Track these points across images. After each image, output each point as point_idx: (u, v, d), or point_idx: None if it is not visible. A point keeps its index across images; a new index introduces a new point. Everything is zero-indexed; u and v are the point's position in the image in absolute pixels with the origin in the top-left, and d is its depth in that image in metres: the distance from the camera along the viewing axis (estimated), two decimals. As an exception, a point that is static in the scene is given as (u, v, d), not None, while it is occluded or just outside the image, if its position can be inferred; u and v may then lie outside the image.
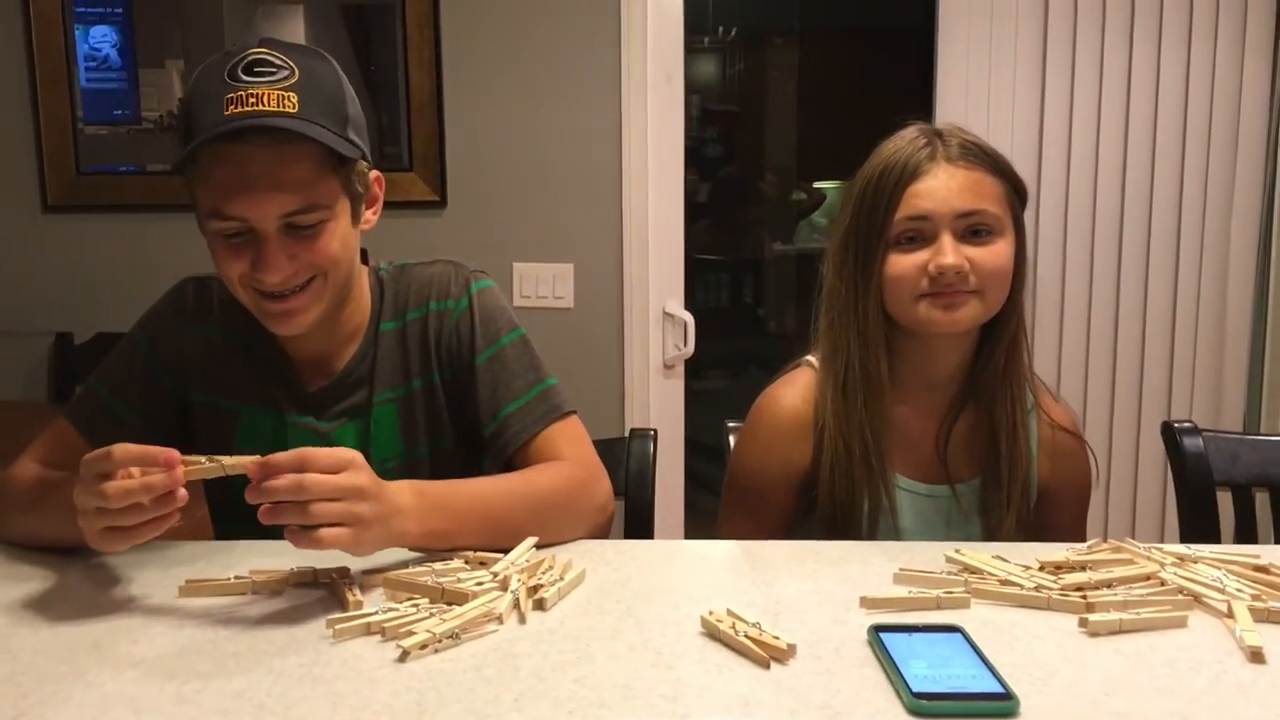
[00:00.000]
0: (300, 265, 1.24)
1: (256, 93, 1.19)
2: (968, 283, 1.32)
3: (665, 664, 0.95)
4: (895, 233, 1.34)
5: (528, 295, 2.83)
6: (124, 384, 1.38)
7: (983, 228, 1.33)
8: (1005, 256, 1.34)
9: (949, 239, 1.32)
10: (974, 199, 1.33)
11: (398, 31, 2.79)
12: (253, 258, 1.23)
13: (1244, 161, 2.81)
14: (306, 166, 1.21)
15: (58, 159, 2.90)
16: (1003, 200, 1.35)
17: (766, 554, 1.24)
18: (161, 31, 2.91)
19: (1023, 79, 2.83)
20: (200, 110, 1.20)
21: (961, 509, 1.41)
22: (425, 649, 0.97)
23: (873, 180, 1.36)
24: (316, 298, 1.27)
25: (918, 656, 0.93)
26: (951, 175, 1.33)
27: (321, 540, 1.05)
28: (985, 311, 1.35)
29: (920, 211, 1.33)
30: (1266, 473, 1.63)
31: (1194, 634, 1.01)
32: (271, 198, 1.20)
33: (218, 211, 1.21)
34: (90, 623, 1.06)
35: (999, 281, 1.34)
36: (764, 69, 5.40)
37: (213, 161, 1.20)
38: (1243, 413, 2.93)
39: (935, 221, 1.32)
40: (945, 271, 1.31)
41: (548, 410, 1.35)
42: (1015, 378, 1.41)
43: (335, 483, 1.06)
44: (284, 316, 1.27)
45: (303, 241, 1.23)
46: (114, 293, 2.81)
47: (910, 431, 1.42)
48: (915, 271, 1.33)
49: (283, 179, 1.20)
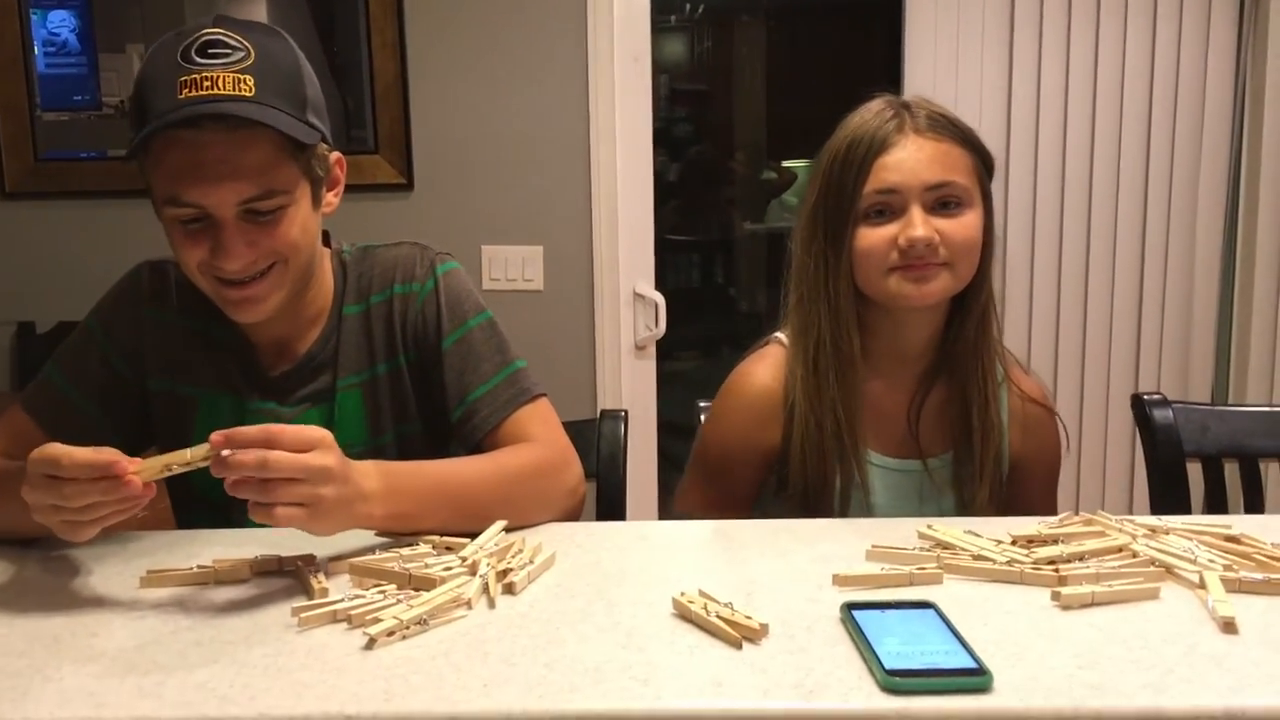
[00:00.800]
0: (260, 252, 1.21)
1: (211, 75, 1.16)
2: (938, 255, 1.31)
3: (636, 646, 0.94)
4: (864, 206, 1.33)
5: (497, 278, 2.80)
6: (80, 372, 1.35)
7: (952, 199, 1.33)
8: (975, 228, 1.34)
9: (918, 211, 1.31)
10: (943, 171, 1.32)
11: (361, 13, 2.75)
12: (211, 245, 1.20)
13: (1210, 135, 2.83)
14: (264, 152, 1.18)
15: (15, 146, 2.85)
16: (971, 172, 1.35)
17: (739, 533, 1.23)
18: (121, 15, 2.86)
19: (990, 54, 2.83)
20: (152, 94, 1.17)
21: (934, 483, 1.41)
22: (392, 636, 0.95)
23: (840, 154, 1.35)
24: (277, 284, 1.25)
25: (890, 633, 0.93)
26: (920, 147, 1.32)
27: (276, 518, 1.03)
28: (955, 284, 1.34)
29: (889, 185, 1.32)
30: (1236, 443, 1.64)
31: (1166, 605, 1.01)
32: (228, 185, 1.17)
33: (174, 199, 1.19)
34: (49, 616, 1.04)
35: (968, 253, 1.34)
36: (732, 47, 5.38)
37: (167, 147, 1.17)
38: (1210, 384, 2.95)
39: (904, 194, 1.31)
40: (915, 244, 1.30)
41: (517, 393, 1.33)
42: (985, 351, 1.41)
43: (300, 462, 1.04)
44: (244, 303, 1.24)
45: (262, 228, 1.21)
46: (76, 281, 2.74)
47: (882, 407, 1.41)
48: (885, 245, 1.32)
49: (240, 165, 1.17)
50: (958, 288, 1.35)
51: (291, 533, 1.16)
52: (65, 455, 1.01)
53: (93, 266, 2.67)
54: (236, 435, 1.02)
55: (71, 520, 1.03)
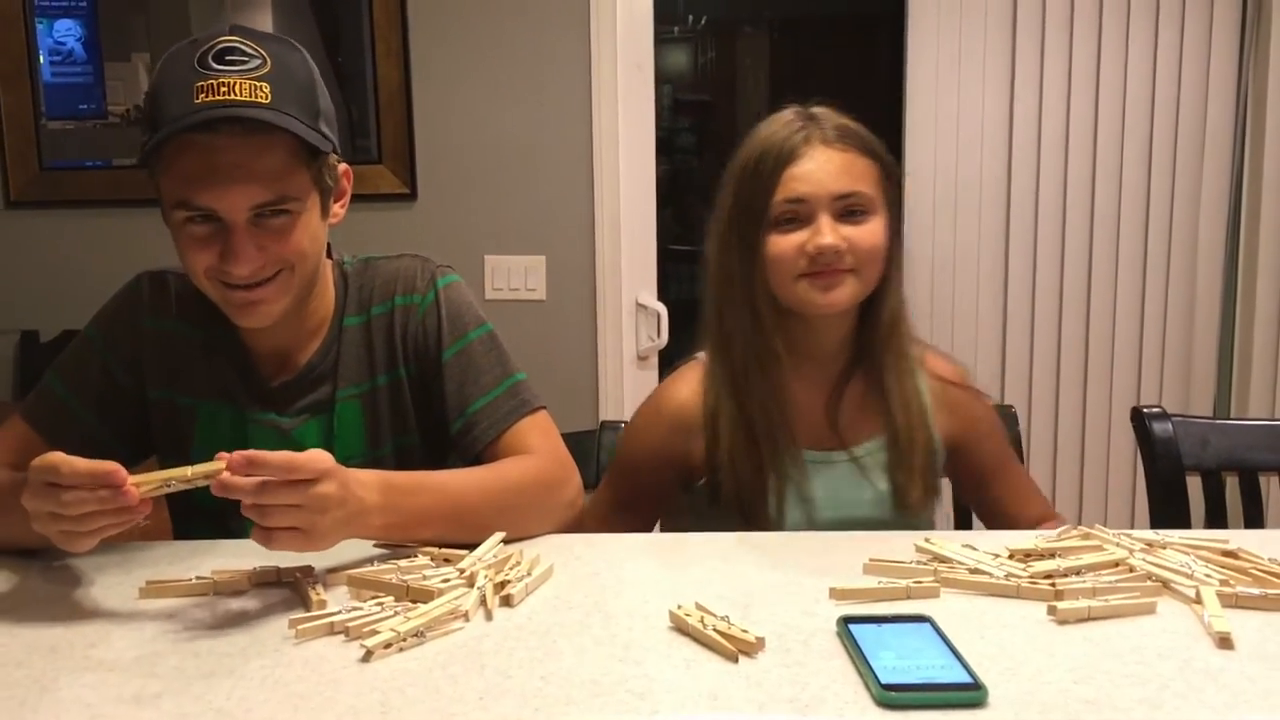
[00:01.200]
0: (269, 258, 1.22)
1: (228, 82, 1.16)
2: (844, 261, 1.35)
3: (633, 659, 0.94)
4: (774, 215, 1.37)
5: (499, 288, 2.81)
6: (80, 382, 1.35)
7: (858, 208, 1.37)
8: (880, 235, 1.38)
9: (826, 220, 1.35)
10: (849, 181, 1.36)
11: (365, 23, 2.77)
12: (220, 249, 1.20)
13: (1212, 146, 2.83)
14: (278, 158, 1.19)
15: (20, 154, 2.86)
16: (876, 180, 1.39)
17: (737, 547, 1.23)
18: (127, 24, 2.87)
19: (992, 66, 2.83)
20: (168, 99, 1.18)
21: (864, 471, 1.44)
22: (389, 648, 0.95)
23: (751, 164, 1.39)
24: (283, 290, 1.25)
25: (887, 647, 0.93)
26: (827, 158, 1.37)
27: (273, 544, 1.04)
28: (862, 289, 1.39)
29: (797, 195, 1.36)
30: (1236, 457, 1.64)
31: (1162, 620, 1.01)
32: (242, 189, 1.18)
33: (185, 202, 1.19)
34: (48, 626, 1.04)
35: (874, 259, 1.38)
36: (735, 58, 5.38)
37: (181, 151, 1.17)
38: (1212, 397, 2.95)
39: (812, 204, 1.35)
40: (824, 251, 1.34)
41: (516, 405, 1.33)
42: (898, 347, 1.44)
43: (298, 491, 1.04)
44: (250, 308, 1.25)
45: (271, 234, 1.21)
46: (80, 290, 2.74)
47: (804, 404, 1.44)
48: (794, 252, 1.36)
49: (254, 170, 1.18)
50: (865, 292, 1.39)
51: (290, 544, 1.17)
52: (65, 463, 1.02)
53: (97, 276, 2.67)
54: (258, 460, 1.02)
55: (69, 530, 1.03)
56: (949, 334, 2.95)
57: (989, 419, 1.54)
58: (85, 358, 1.37)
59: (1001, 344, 2.95)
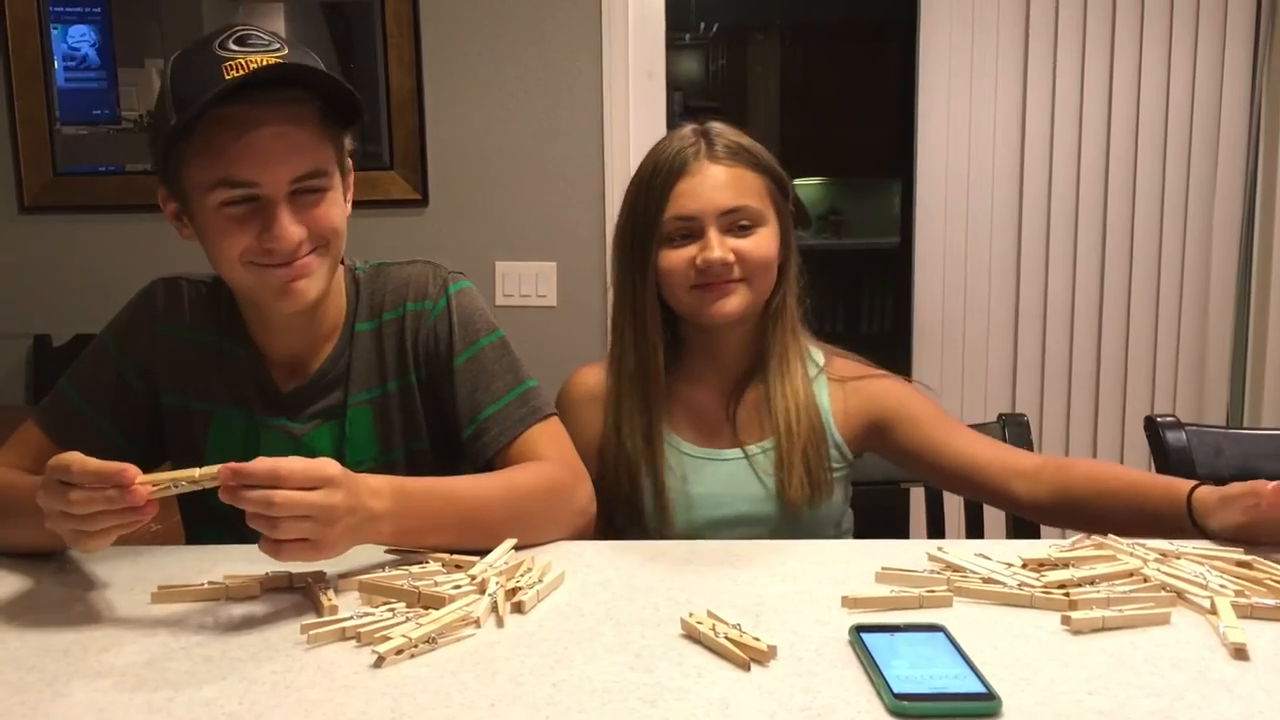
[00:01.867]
0: (308, 233, 1.23)
1: (254, 59, 1.17)
2: (733, 273, 1.42)
3: (644, 667, 0.94)
4: (665, 230, 1.43)
5: (510, 294, 2.81)
6: (94, 387, 1.36)
7: (746, 221, 1.43)
8: (768, 245, 1.45)
9: (715, 234, 1.42)
10: (735, 196, 1.42)
11: (378, 29, 2.78)
12: (258, 229, 1.20)
13: (1225, 157, 2.82)
14: (310, 129, 1.21)
15: (34, 159, 2.87)
16: (764, 194, 1.45)
17: (749, 554, 1.23)
18: (141, 31, 2.89)
19: (1005, 73, 2.83)
20: (192, 84, 1.17)
21: (754, 467, 1.48)
22: (401, 654, 0.95)
23: (644, 180, 1.45)
24: (319, 266, 1.26)
25: (899, 656, 0.92)
26: (715, 175, 1.43)
27: (282, 555, 1.03)
28: (754, 298, 1.45)
29: (687, 212, 1.42)
30: (1250, 466, 1.62)
31: (1177, 631, 1.00)
32: (282, 160, 1.19)
33: (226, 179, 1.19)
34: (60, 630, 1.05)
35: (763, 269, 1.45)
36: (746, 65, 5.40)
37: (217, 128, 1.17)
38: (1226, 406, 2.93)
39: (701, 219, 1.42)
40: (712, 265, 1.41)
41: (528, 412, 1.33)
42: (783, 351, 1.49)
43: (306, 501, 1.03)
44: (289, 286, 1.24)
45: (308, 209, 1.22)
46: (92, 294, 2.76)
47: (702, 406, 1.51)
48: (685, 265, 1.42)
49: (292, 140, 1.19)
50: (757, 301, 1.46)
51: (302, 549, 1.17)
52: (77, 462, 1.02)
53: (109, 280, 2.69)
54: (242, 472, 1.01)
55: (77, 529, 1.03)
56: (960, 341, 2.94)
57: (900, 390, 1.54)
58: (99, 364, 1.37)
59: (1013, 352, 2.94)
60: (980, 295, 2.92)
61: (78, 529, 1.03)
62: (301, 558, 1.05)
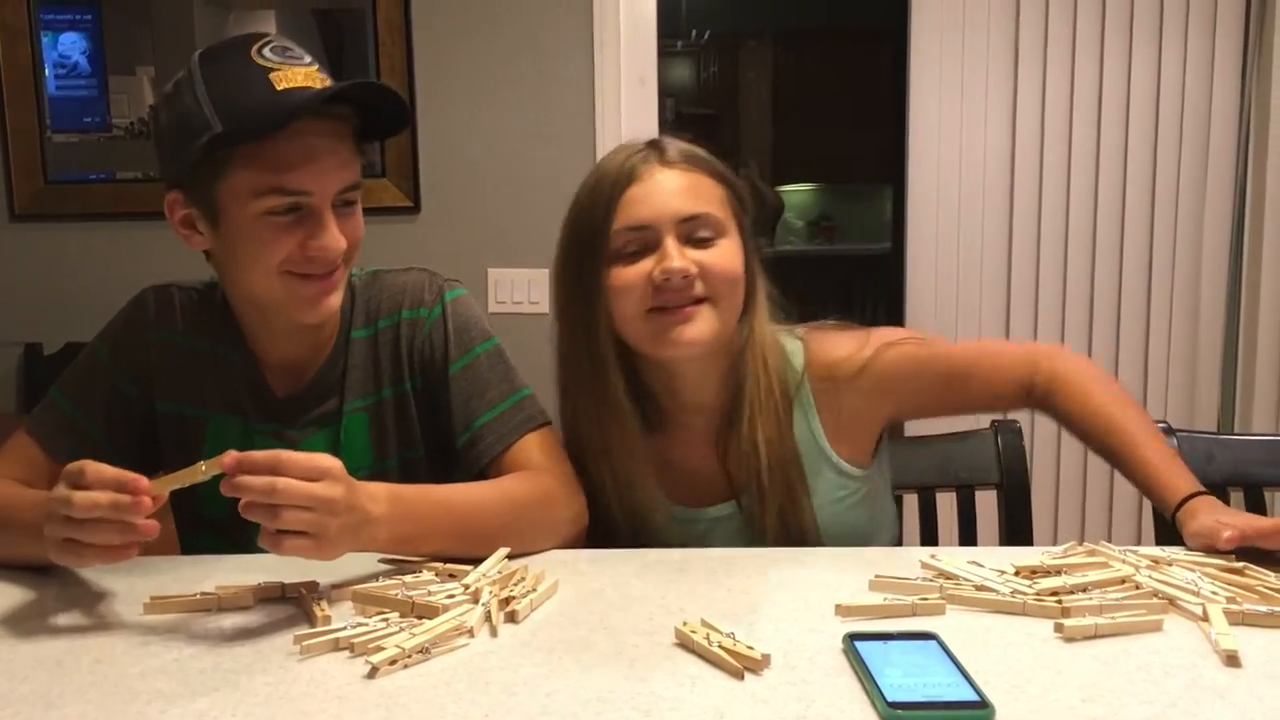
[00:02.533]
0: (347, 242, 1.25)
1: (300, 71, 1.20)
2: (694, 288, 1.24)
3: (638, 676, 0.94)
4: (615, 246, 1.25)
5: (503, 301, 2.81)
6: (86, 397, 1.35)
7: (706, 231, 1.26)
8: (733, 259, 1.27)
9: (673, 243, 1.24)
10: (694, 202, 1.26)
11: (369, 36, 2.78)
12: (303, 237, 1.22)
13: (1215, 163, 2.83)
14: (350, 145, 1.25)
15: (24, 168, 2.86)
16: (724, 203, 1.29)
17: (742, 562, 1.23)
18: (131, 39, 2.88)
19: (995, 79, 2.84)
20: (236, 90, 1.18)
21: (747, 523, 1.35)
22: (394, 665, 0.95)
23: (587, 193, 1.29)
24: (342, 279, 1.29)
25: (893, 665, 0.92)
26: (669, 179, 1.26)
27: (283, 548, 1.03)
28: (721, 323, 1.27)
29: (639, 220, 1.25)
30: (1241, 472, 1.63)
31: (1169, 638, 1.01)
32: (334, 171, 1.22)
33: (279, 187, 1.20)
34: (53, 641, 1.04)
35: (730, 285, 1.27)
36: (738, 72, 5.41)
37: (272, 137, 1.18)
38: (1217, 411, 2.94)
39: (657, 228, 1.25)
40: (672, 275, 1.22)
41: (522, 421, 1.33)
42: (762, 390, 1.31)
43: (308, 491, 1.03)
44: (320, 297, 1.26)
45: (345, 219, 1.25)
46: (84, 303, 2.75)
47: (684, 462, 1.37)
48: (640, 281, 1.24)
49: (340, 155, 1.23)
50: (726, 326, 1.28)
51: (295, 559, 1.16)
52: (92, 466, 1.03)
53: (100, 289, 2.68)
54: (248, 459, 1.03)
55: (73, 538, 1.03)
56: (952, 348, 2.94)
57: (904, 364, 1.35)
58: (91, 373, 1.37)
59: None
60: (971, 300, 2.93)
61: (73, 536, 1.03)
62: (300, 552, 1.04)
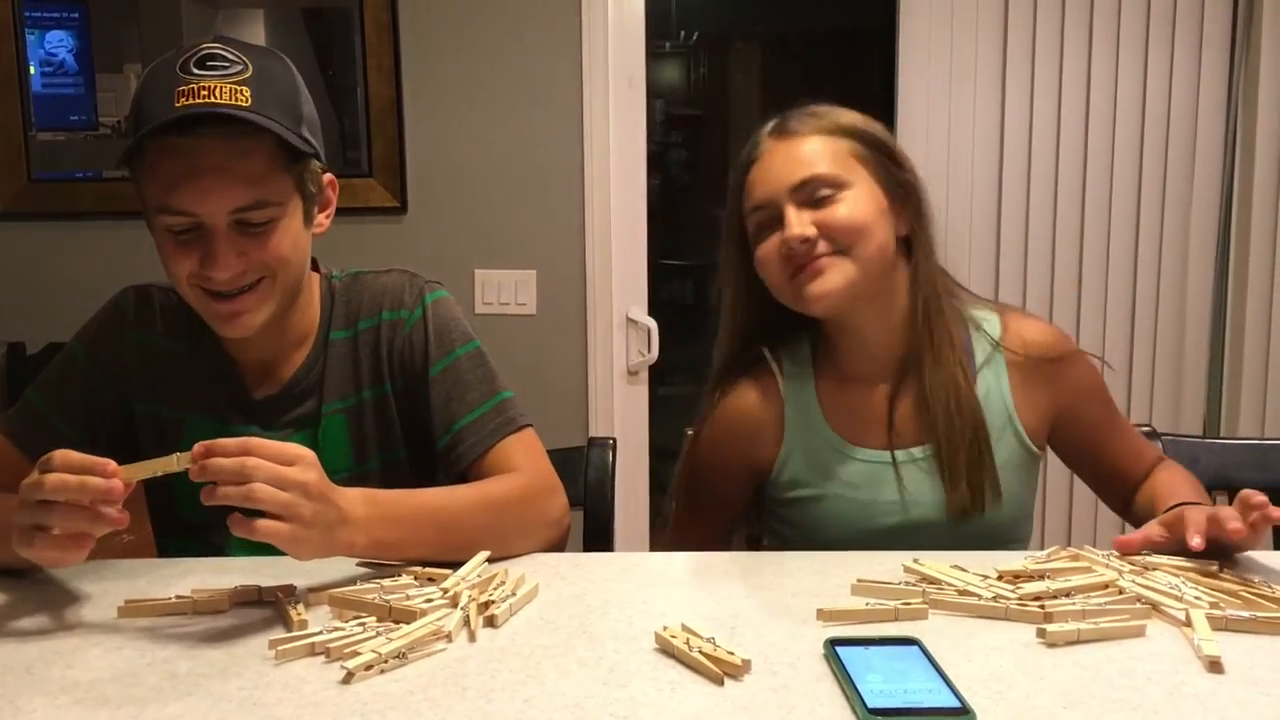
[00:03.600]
0: (250, 263, 1.21)
1: (209, 85, 1.17)
2: (819, 248, 1.32)
3: (618, 682, 0.93)
4: (751, 227, 1.37)
5: (490, 302, 2.80)
6: (62, 396, 1.34)
7: (825, 190, 1.33)
8: (854, 209, 1.33)
9: (792, 212, 1.32)
10: (805, 167, 1.33)
11: (357, 37, 2.76)
12: (201, 255, 1.20)
13: (1201, 165, 2.83)
14: (258, 161, 1.19)
15: (8, 165, 2.84)
16: (845, 156, 1.34)
17: (723, 566, 1.22)
18: (119, 36, 2.86)
19: (983, 81, 2.83)
20: (149, 104, 1.18)
21: (924, 471, 1.39)
22: (370, 670, 0.94)
23: (731, 181, 1.40)
24: (264, 298, 1.25)
25: (874, 670, 0.92)
26: (779, 152, 1.35)
27: (256, 531, 1.02)
28: (857, 269, 1.33)
29: (759, 200, 1.35)
30: (1226, 475, 1.63)
31: (1152, 643, 1.00)
32: (222, 191, 1.17)
33: (166, 206, 1.19)
34: (24, 645, 1.03)
35: (856, 235, 1.32)
36: (727, 73, 5.40)
37: (161, 155, 1.17)
38: (1203, 415, 2.94)
39: (776, 202, 1.34)
40: (792, 243, 1.32)
41: (503, 423, 1.32)
42: (935, 336, 1.38)
43: (280, 473, 1.03)
44: (231, 317, 1.24)
45: (253, 239, 1.21)
46: (67, 302, 2.72)
47: (868, 406, 1.42)
48: (774, 255, 1.34)
49: (233, 172, 1.17)
50: (862, 273, 1.33)
51: (272, 562, 1.15)
52: (61, 452, 1.02)
53: (85, 288, 2.66)
54: (217, 444, 1.02)
55: (42, 524, 1.01)
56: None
57: (1090, 380, 1.47)
58: (68, 373, 1.36)
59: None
60: (959, 303, 2.92)
61: (40, 522, 1.01)
62: (275, 537, 1.03)
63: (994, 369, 1.41)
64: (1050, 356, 1.43)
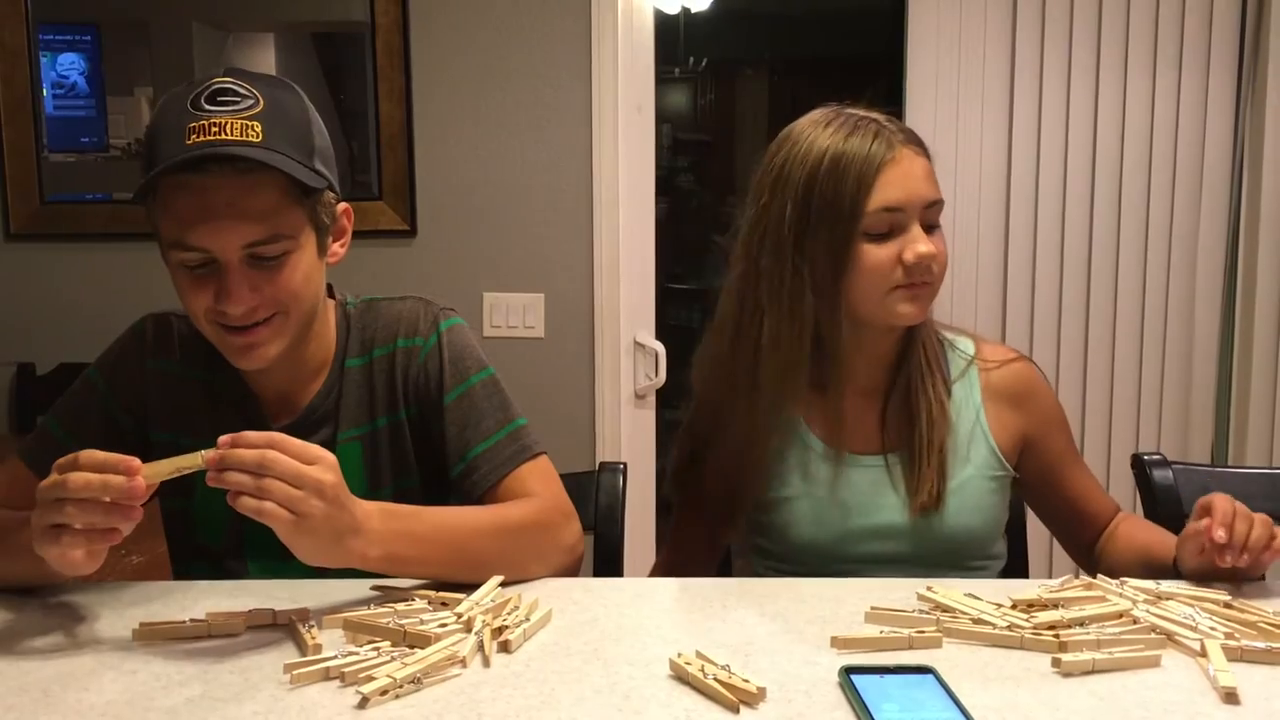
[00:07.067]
0: (263, 298, 1.22)
1: (219, 121, 1.17)
2: (932, 273, 1.33)
3: (633, 709, 0.93)
4: (867, 224, 1.31)
5: (498, 325, 2.80)
6: (80, 424, 1.34)
7: (934, 218, 1.34)
8: (946, 248, 1.36)
9: (919, 228, 1.32)
10: (934, 188, 1.34)
11: (368, 62, 2.78)
12: (216, 290, 1.20)
13: (1209, 190, 2.84)
14: (270, 196, 1.19)
15: (21, 187, 2.86)
16: None
17: (737, 592, 1.22)
18: (130, 59, 2.88)
19: (990, 109, 2.85)
20: (161, 141, 1.19)
21: (891, 479, 1.41)
22: (385, 694, 0.94)
23: (826, 169, 1.31)
24: (278, 333, 1.25)
25: (889, 699, 0.92)
26: (914, 163, 1.33)
27: (263, 511, 1.03)
28: (931, 304, 1.37)
29: (894, 202, 1.30)
30: (1238, 505, 1.62)
31: (1167, 674, 1.00)
32: (234, 227, 1.18)
33: (180, 242, 1.19)
34: (41, 667, 1.03)
35: (945, 272, 1.36)
36: (734, 99, 5.43)
37: (174, 191, 1.18)
38: (1211, 443, 2.94)
39: (908, 212, 1.31)
40: (923, 260, 1.30)
41: (517, 451, 1.32)
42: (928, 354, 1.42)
43: (298, 470, 1.04)
44: (246, 350, 1.24)
45: (266, 273, 1.21)
46: (77, 323, 2.76)
47: (856, 410, 1.42)
48: (889, 263, 1.31)
49: (245, 208, 1.18)
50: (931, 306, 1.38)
51: (287, 585, 1.16)
52: (85, 451, 1.04)
53: (95, 309, 2.69)
54: (243, 437, 1.04)
55: (61, 524, 1.02)
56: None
57: (1057, 412, 1.49)
58: (86, 400, 1.36)
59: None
60: (966, 329, 2.92)
61: (60, 520, 1.02)
62: (278, 522, 1.03)
63: (968, 381, 1.44)
64: (1021, 381, 1.45)
